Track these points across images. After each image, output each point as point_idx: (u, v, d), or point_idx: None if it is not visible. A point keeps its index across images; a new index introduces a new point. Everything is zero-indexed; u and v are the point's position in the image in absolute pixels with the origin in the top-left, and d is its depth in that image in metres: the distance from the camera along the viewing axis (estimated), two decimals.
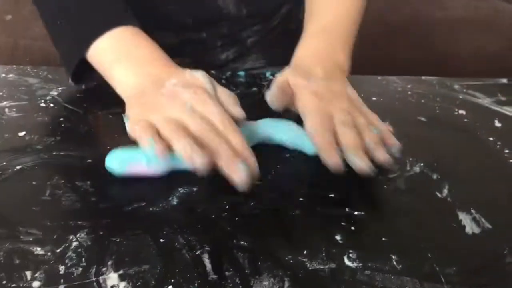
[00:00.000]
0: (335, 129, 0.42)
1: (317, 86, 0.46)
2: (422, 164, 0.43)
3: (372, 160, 0.40)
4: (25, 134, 0.45)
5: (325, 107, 0.44)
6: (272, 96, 0.46)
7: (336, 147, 0.40)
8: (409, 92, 0.57)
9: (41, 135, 0.45)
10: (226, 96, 0.44)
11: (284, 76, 0.48)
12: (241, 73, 0.60)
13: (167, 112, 0.41)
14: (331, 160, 0.39)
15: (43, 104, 0.50)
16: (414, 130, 0.50)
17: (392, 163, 0.41)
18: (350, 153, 0.40)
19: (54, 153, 0.42)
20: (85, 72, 0.50)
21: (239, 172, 0.36)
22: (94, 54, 0.47)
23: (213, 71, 0.60)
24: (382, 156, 0.41)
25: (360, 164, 0.39)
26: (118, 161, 0.39)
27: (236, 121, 0.41)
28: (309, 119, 0.43)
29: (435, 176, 0.42)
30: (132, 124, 0.41)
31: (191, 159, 0.37)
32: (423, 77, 0.61)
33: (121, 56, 0.46)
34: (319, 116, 0.43)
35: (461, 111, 0.53)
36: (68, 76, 0.51)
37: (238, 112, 0.42)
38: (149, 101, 0.42)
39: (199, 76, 0.44)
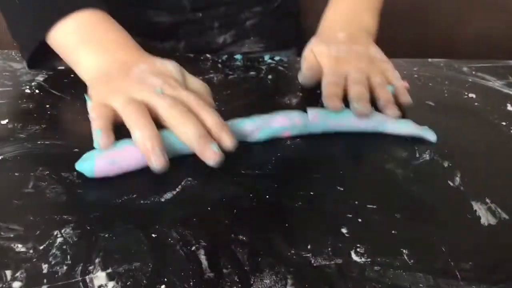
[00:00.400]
0: (346, 87, 0.44)
1: (337, 50, 0.48)
2: (432, 151, 0.41)
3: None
4: (8, 122, 0.42)
5: (341, 68, 0.46)
6: (303, 77, 0.48)
7: (340, 99, 0.42)
8: (416, 75, 0.54)
9: (25, 123, 0.42)
10: (198, 86, 0.42)
11: (309, 49, 0.50)
12: (238, 56, 0.57)
13: (133, 94, 0.38)
14: (331, 103, 0.41)
15: (28, 90, 0.47)
16: (422, 115, 0.47)
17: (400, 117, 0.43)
18: (354, 101, 0.41)
19: (39, 142, 0.39)
20: (43, 57, 0.47)
21: (209, 153, 0.35)
22: (56, 37, 0.44)
23: (208, 55, 0.57)
24: (391, 112, 0.42)
25: (361, 108, 0.41)
26: (86, 165, 0.35)
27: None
28: (324, 79, 0.45)
29: (446, 164, 0.39)
30: (92, 108, 0.38)
31: (147, 155, 0.34)
32: (430, 60, 0.58)
33: (87, 39, 0.43)
34: (334, 77, 0.45)
35: (471, 95, 0.51)
36: (24, 60, 0.47)
37: (210, 101, 0.41)
38: (114, 84, 0.39)
39: (170, 66, 0.42)
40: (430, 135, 0.42)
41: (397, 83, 0.46)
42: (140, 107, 0.36)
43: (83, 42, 0.43)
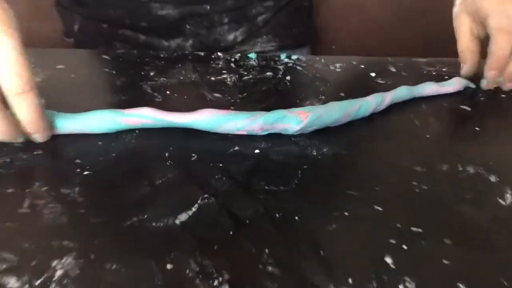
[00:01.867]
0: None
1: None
2: (475, 164, 0.36)
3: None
4: None
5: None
6: (467, 69, 0.50)
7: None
8: (446, 76, 0.50)
9: None
10: None
11: (464, 23, 0.50)
12: (252, 55, 0.52)
13: None
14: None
15: None
16: (459, 122, 0.43)
17: None
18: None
19: (35, 152, 0.35)
20: None
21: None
22: None
23: (220, 53, 0.52)
24: None
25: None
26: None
27: None
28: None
29: (493, 179, 0.35)
30: None
31: None
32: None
33: None
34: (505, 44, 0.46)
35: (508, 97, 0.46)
36: None
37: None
38: None
39: None
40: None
41: None
42: None
43: None
